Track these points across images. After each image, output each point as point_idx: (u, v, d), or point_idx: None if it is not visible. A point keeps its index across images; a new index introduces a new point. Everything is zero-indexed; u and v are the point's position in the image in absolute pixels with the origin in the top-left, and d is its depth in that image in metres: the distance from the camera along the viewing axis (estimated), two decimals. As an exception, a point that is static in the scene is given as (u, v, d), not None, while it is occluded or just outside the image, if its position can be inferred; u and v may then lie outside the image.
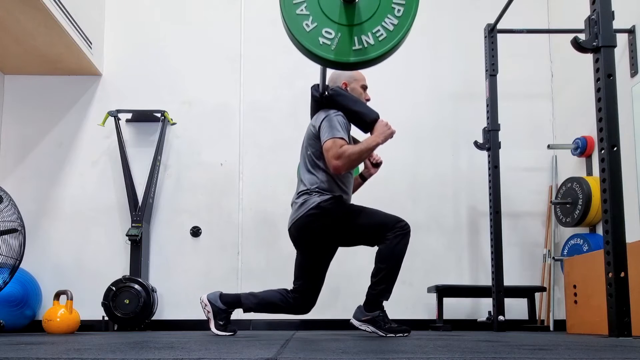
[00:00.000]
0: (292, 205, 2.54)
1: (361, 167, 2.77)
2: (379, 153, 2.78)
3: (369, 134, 2.45)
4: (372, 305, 2.41)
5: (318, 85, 2.50)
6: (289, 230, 2.52)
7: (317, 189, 2.43)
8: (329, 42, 2.00)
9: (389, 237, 2.37)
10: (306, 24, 2.01)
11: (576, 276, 3.08)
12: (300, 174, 2.56)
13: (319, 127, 2.43)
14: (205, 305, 2.52)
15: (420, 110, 4.31)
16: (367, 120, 2.45)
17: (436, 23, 4.38)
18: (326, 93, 2.47)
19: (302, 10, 2.01)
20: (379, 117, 2.44)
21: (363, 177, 2.77)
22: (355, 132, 2.62)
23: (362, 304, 2.44)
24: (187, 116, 4.28)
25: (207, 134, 4.27)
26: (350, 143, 2.46)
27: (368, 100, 2.60)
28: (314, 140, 2.47)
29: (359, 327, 2.43)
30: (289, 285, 2.56)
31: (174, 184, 4.23)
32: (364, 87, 2.61)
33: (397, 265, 2.37)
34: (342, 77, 2.58)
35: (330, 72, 2.51)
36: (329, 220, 2.40)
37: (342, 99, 2.46)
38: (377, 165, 2.74)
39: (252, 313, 3.94)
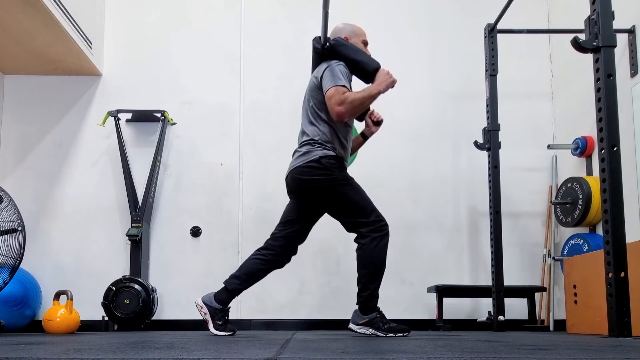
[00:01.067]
0: (293, 154, 2.55)
1: (362, 128, 2.77)
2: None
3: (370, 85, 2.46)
4: (366, 309, 2.41)
5: (319, 37, 2.51)
6: (285, 178, 2.55)
7: (320, 141, 2.44)
8: None
9: (363, 233, 2.38)
10: None
11: (576, 276, 3.08)
12: (302, 128, 2.57)
13: (321, 77, 2.44)
14: (202, 307, 2.53)
15: (420, 110, 4.31)
16: (368, 70, 2.46)
17: (436, 23, 4.38)
18: (327, 44, 2.48)
19: None
20: (380, 66, 2.45)
21: (364, 136, 2.78)
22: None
23: (357, 309, 2.44)
24: (187, 116, 4.28)
25: (207, 134, 4.27)
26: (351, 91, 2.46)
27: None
28: (316, 92, 2.48)
29: (358, 330, 2.43)
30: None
31: (174, 184, 4.23)
32: (365, 43, 2.63)
33: (378, 269, 2.37)
34: (343, 31, 2.60)
35: (331, 27, 2.52)
36: (324, 176, 2.41)
37: (343, 48, 2.47)
38: (378, 123, 2.75)
39: (251, 309, 3.96)
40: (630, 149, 3.30)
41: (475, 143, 3.68)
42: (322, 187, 2.43)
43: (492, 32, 3.67)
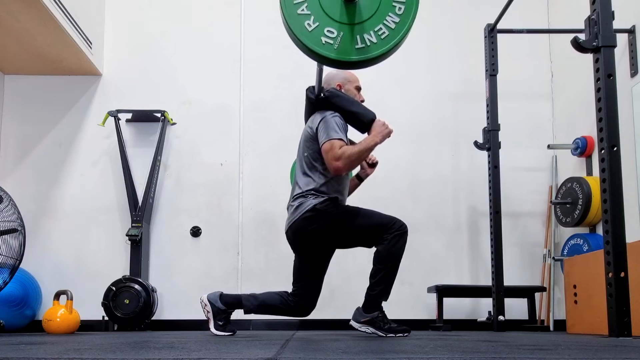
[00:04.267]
0: (287, 209, 2.54)
1: (357, 168, 2.77)
2: (377, 151, 2.77)
3: (366, 135, 2.44)
4: (371, 307, 2.40)
5: (313, 87, 2.50)
6: (286, 233, 2.52)
7: (312, 191, 2.43)
8: (331, 42, 2.00)
9: (386, 237, 2.36)
10: (308, 24, 2.01)
11: (576, 276, 3.08)
12: (295, 177, 2.55)
13: (317, 129, 2.42)
14: (205, 305, 2.52)
15: (420, 110, 4.31)
16: (364, 121, 2.44)
17: (436, 23, 4.38)
18: (322, 94, 2.47)
19: (303, 10, 2.01)
20: (375, 117, 2.44)
21: (360, 178, 2.76)
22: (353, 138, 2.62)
23: (360, 306, 2.44)
24: (187, 116, 4.28)
25: (207, 134, 4.27)
26: (348, 144, 2.46)
27: (362, 101, 2.59)
28: (310, 142, 2.46)
29: (359, 328, 2.42)
30: (289, 286, 2.56)
31: (174, 184, 4.23)
32: (358, 89, 2.60)
33: (395, 266, 2.37)
34: (336, 78, 2.57)
35: (324, 74, 2.51)
36: (325, 222, 2.39)
37: (338, 100, 2.46)
38: (373, 165, 2.74)
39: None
40: (630, 149, 3.30)
41: (475, 143, 3.68)
42: (326, 232, 2.41)
43: (492, 32, 3.67)
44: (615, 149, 2.28)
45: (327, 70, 2.48)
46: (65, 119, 4.26)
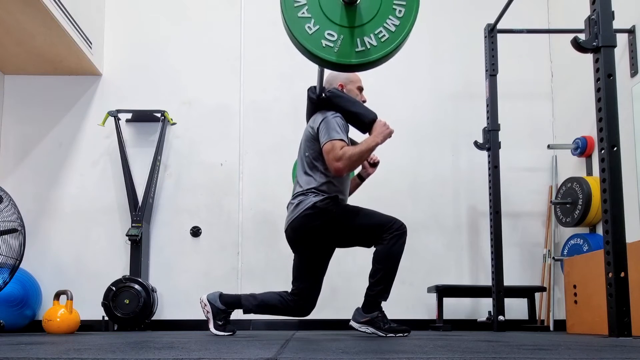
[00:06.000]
0: (287, 207, 2.54)
1: (358, 168, 2.77)
2: (378, 152, 2.77)
3: (367, 135, 2.44)
4: (370, 307, 2.40)
5: (314, 87, 2.50)
6: (285, 231, 2.51)
7: (313, 190, 2.43)
8: (331, 45, 2.00)
9: (385, 238, 2.36)
10: (308, 27, 2.00)
11: (576, 276, 3.08)
12: (296, 176, 2.56)
13: (318, 129, 2.42)
14: (205, 305, 2.52)
15: (420, 110, 4.31)
16: (365, 121, 2.44)
17: (436, 23, 4.38)
18: (323, 95, 2.47)
19: (303, 13, 2.01)
20: (377, 118, 2.45)
21: (361, 178, 2.76)
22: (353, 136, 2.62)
23: (360, 306, 2.44)
24: (187, 116, 4.28)
25: (207, 134, 4.27)
26: (349, 144, 2.46)
27: (364, 101, 2.59)
28: (311, 142, 2.46)
29: (359, 329, 2.42)
30: (289, 286, 2.56)
31: (174, 184, 4.23)
32: (360, 89, 2.60)
33: (394, 266, 2.37)
34: (338, 78, 2.57)
35: (326, 74, 2.51)
36: (324, 220, 2.39)
37: (339, 100, 2.45)
38: (374, 165, 2.74)
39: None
40: (630, 149, 3.30)
41: (475, 143, 3.68)
42: (326, 230, 2.41)
43: (492, 32, 3.67)
44: (615, 149, 2.28)
45: (329, 70, 2.49)
46: (65, 119, 4.26)
